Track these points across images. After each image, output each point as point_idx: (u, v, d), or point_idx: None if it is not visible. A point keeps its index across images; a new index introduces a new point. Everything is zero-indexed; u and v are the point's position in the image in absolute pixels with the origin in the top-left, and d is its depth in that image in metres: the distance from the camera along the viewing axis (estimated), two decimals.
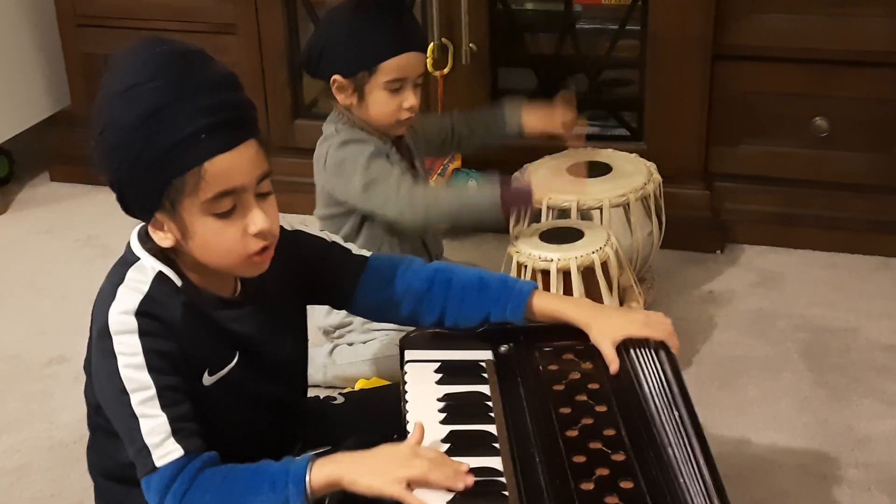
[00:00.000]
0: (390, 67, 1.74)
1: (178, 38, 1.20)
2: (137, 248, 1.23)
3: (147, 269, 1.21)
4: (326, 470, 1.11)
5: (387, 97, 1.75)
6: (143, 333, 1.16)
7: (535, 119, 1.94)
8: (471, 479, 1.08)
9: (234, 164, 1.15)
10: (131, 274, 1.20)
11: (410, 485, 1.08)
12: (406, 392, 1.26)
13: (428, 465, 1.08)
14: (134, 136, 1.12)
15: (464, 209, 1.75)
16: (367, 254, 1.41)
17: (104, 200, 2.54)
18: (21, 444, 1.76)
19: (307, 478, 1.11)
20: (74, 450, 1.67)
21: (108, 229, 2.40)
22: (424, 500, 1.07)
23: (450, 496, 1.08)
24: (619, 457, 1.12)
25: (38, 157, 2.73)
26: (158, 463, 1.13)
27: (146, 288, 1.19)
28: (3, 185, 2.64)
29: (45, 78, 2.68)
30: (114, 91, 1.14)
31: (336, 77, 1.74)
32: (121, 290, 1.19)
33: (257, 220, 1.17)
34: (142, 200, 1.17)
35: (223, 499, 1.12)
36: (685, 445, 1.13)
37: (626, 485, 1.08)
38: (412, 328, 1.40)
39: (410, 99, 1.77)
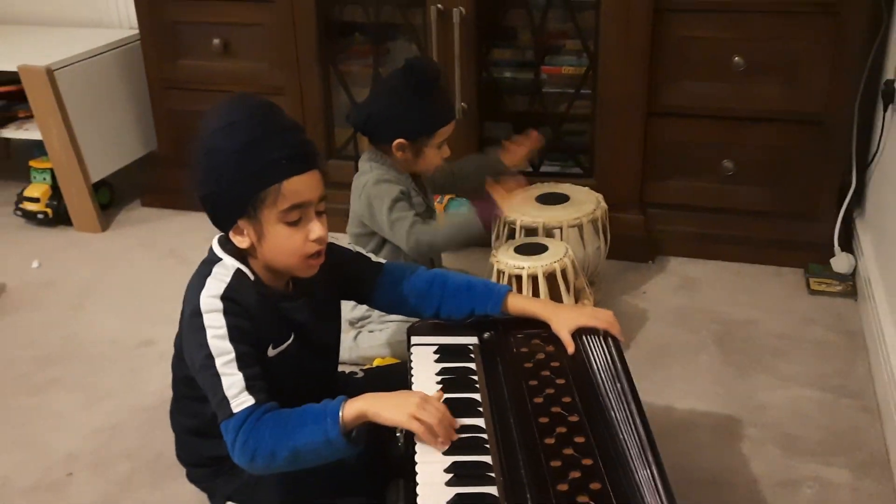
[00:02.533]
0: (443, 132, 1.77)
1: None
2: (219, 251, 1.25)
3: (228, 266, 1.23)
4: (356, 406, 1.13)
5: (435, 152, 1.78)
6: (226, 312, 1.18)
7: (507, 155, 1.96)
8: (454, 437, 1.10)
9: (304, 185, 1.18)
10: (216, 269, 1.22)
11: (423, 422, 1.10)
12: (412, 368, 1.27)
13: (436, 416, 1.10)
14: (234, 158, 1.15)
15: (455, 235, 1.75)
16: (383, 261, 1.43)
17: (183, 222, 2.57)
18: (117, 407, 1.76)
19: (341, 412, 1.12)
20: (158, 413, 1.66)
21: (186, 244, 2.41)
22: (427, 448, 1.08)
23: (445, 447, 1.09)
24: (574, 418, 1.12)
25: (133, 188, 2.73)
26: (235, 409, 1.14)
27: (228, 279, 1.21)
28: (106, 210, 2.64)
29: (139, 127, 2.69)
30: (216, 126, 1.18)
31: (400, 140, 1.75)
32: (209, 280, 1.21)
33: (316, 229, 1.20)
34: (231, 208, 1.19)
35: (280, 431, 1.13)
36: (625, 409, 1.13)
37: (579, 440, 1.08)
38: (416, 319, 1.41)
39: (447, 151, 1.81)
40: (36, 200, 2.55)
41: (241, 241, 1.21)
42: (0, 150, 2.96)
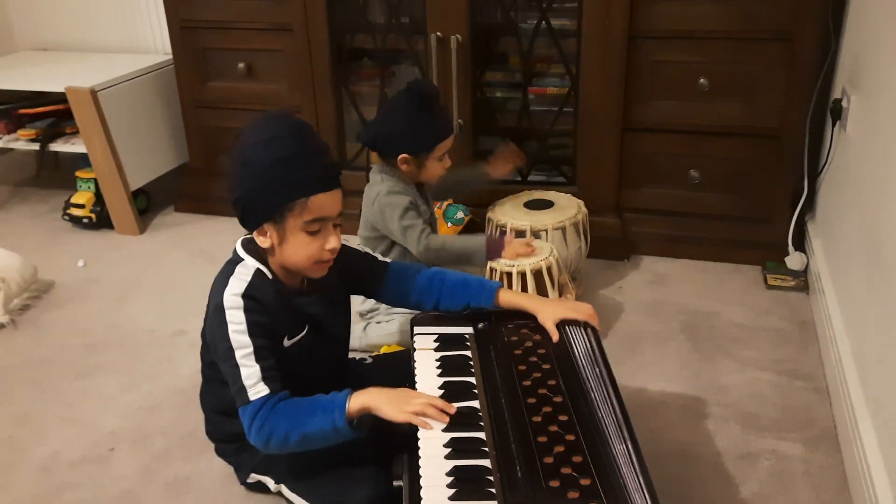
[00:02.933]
0: (442, 146, 1.76)
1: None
2: (242, 253, 1.25)
3: (250, 266, 1.22)
4: (361, 399, 1.14)
5: (437, 164, 1.78)
6: (246, 309, 1.17)
7: (493, 169, 1.96)
8: (453, 411, 1.10)
9: (328, 202, 1.18)
10: (238, 269, 1.22)
11: (417, 415, 1.10)
12: (415, 355, 1.28)
13: (425, 405, 1.10)
14: (270, 170, 1.15)
15: (460, 255, 1.75)
16: (388, 260, 1.42)
17: (212, 226, 2.57)
18: (155, 389, 1.76)
19: (347, 404, 1.12)
20: (191, 394, 1.66)
21: (215, 245, 2.40)
22: (430, 425, 1.09)
23: (444, 425, 1.09)
24: (558, 399, 1.12)
25: (167, 195, 2.72)
26: (252, 398, 1.14)
27: (249, 278, 1.21)
28: (143, 215, 2.63)
29: (173, 142, 2.68)
30: (255, 140, 1.16)
31: (404, 155, 1.74)
32: (232, 279, 1.20)
33: (333, 241, 1.20)
34: (260, 213, 1.18)
35: (292, 418, 1.14)
36: (603, 391, 1.13)
37: (563, 418, 1.08)
38: (418, 312, 1.41)
39: (448, 162, 1.80)
40: (81, 207, 2.55)
41: (263, 242, 1.21)
42: (49, 163, 2.96)
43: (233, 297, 1.18)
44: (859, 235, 1.60)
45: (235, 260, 1.24)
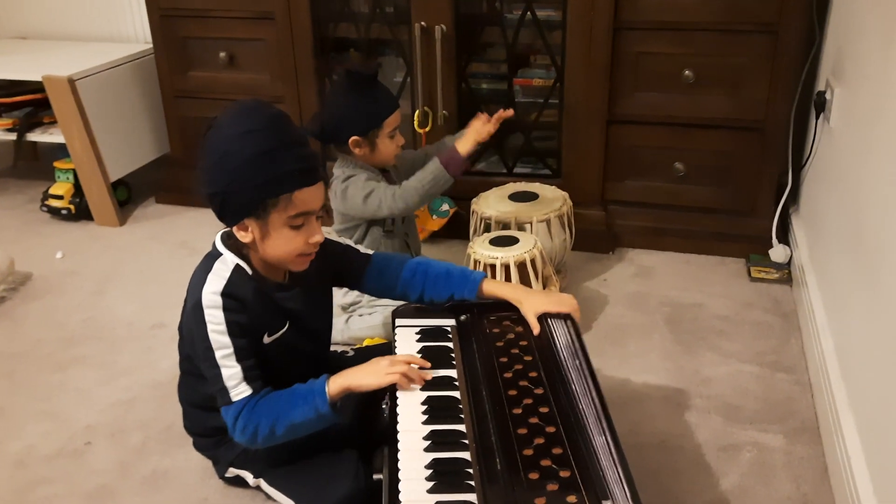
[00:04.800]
0: (390, 121, 1.73)
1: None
2: (220, 247, 1.22)
3: (228, 261, 1.20)
4: (339, 381, 1.14)
5: (389, 143, 1.75)
6: (225, 308, 1.15)
7: (470, 134, 1.83)
8: (429, 376, 1.15)
9: (312, 196, 1.16)
10: (217, 265, 1.20)
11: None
12: (396, 348, 1.27)
13: (404, 366, 1.14)
14: (249, 165, 1.11)
15: (426, 186, 1.69)
16: (371, 252, 1.41)
17: (193, 217, 2.54)
18: (133, 383, 1.74)
19: (326, 389, 1.12)
20: (169, 387, 1.65)
21: (195, 237, 2.38)
22: (408, 410, 1.09)
23: (424, 417, 1.08)
24: (539, 391, 1.12)
25: (148, 187, 2.70)
26: (234, 398, 1.14)
27: (228, 275, 1.19)
28: (124, 206, 2.60)
29: (153, 132, 2.66)
30: (232, 132, 1.12)
31: (355, 137, 1.72)
32: (210, 276, 1.18)
33: (317, 235, 1.19)
34: (241, 209, 1.15)
35: (275, 413, 1.13)
36: (584, 383, 1.13)
37: (544, 410, 1.08)
38: (401, 303, 1.40)
39: (401, 140, 1.77)
40: (60, 198, 2.51)
41: (244, 237, 1.19)
42: (28, 153, 2.92)
43: (212, 296, 1.16)
44: (843, 228, 1.60)
45: (214, 255, 1.22)
